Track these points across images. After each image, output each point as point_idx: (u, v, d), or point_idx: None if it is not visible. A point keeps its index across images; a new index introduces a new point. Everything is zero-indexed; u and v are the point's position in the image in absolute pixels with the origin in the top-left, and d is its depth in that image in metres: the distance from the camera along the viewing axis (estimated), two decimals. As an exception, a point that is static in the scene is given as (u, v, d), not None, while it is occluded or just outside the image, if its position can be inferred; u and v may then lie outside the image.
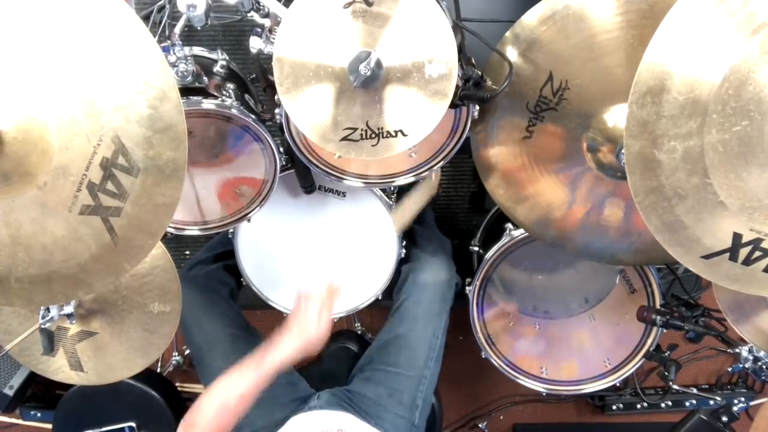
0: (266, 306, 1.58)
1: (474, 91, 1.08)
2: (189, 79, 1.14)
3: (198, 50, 1.34)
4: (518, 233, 1.44)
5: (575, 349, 1.65)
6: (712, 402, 2.04)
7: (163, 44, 1.12)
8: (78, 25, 0.75)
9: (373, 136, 1.00)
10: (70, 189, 0.81)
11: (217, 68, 1.31)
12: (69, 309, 1.21)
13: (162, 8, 1.54)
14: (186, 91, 1.14)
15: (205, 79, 1.20)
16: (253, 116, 1.20)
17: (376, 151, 1.01)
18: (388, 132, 1.00)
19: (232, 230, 1.47)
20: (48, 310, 1.18)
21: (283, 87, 0.95)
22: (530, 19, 1.07)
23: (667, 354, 1.48)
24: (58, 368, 1.30)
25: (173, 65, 1.12)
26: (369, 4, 0.90)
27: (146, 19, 1.54)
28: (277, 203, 1.43)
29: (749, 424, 1.22)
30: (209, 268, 1.59)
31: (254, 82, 1.45)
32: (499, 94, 1.08)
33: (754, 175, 0.81)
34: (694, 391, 2.10)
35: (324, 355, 1.62)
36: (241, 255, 1.52)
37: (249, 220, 1.38)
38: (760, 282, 0.90)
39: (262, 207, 1.35)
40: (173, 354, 2.14)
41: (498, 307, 1.62)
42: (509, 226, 1.46)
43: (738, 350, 1.77)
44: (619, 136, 1.06)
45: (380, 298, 1.56)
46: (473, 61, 1.10)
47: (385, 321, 1.49)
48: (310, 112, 0.98)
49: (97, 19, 0.76)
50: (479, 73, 1.09)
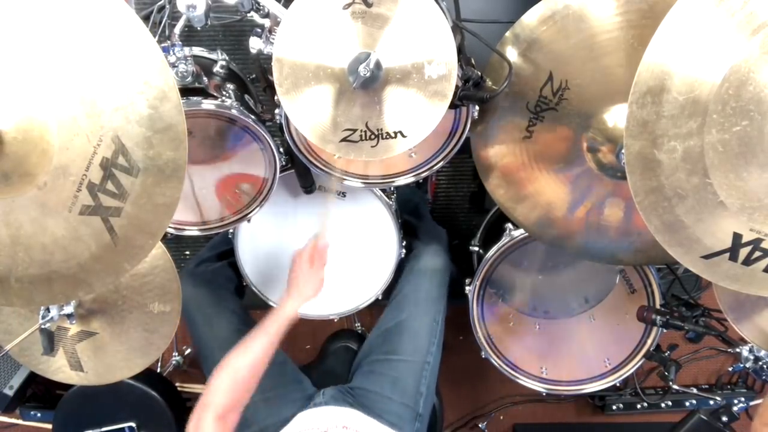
0: (266, 306, 1.58)
1: (474, 92, 1.08)
2: (189, 79, 1.14)
3: (198, 50, 1.34)
4: (518, 233, 1.44)
5: (575, 349, 1.65)
6: (712, 402, 2.04)
7: (163, 44, 1.12)
8: (78, 25, 0.76)
9: (372, 137, 1.00)
10: (70, 189, 0.81)
11: (216, 68, 1.31)
12: (69, 309, 1.21)
13: (162, 8, 1.54)
14: (186, 92, 1.14)
15: (205, 79, 1.20)
16: (252, 117, 1.20)
17: (376, 152, 1.01)
18: (387, 133, 1.00)
19: (232, 230, 1.47)
20: (48, 310, 1.18)
21: (282, 88, 0.95)
22: (530, 19, 1.07)
23: (667, 354, 1.48)
24: (58, 368, 1.30)
25: (173, 65, 1.12)
26: (368, 5, 0.90)
27: (146, 19, 1.53)
28: (277, 203, 1.43)
29: (749, 424, 1.22)
30: (216, 266, 1.59)
31: (254, 82, 1.45)
32: (499, 95, 1.08)
33: (754, 175, 0.81)
34: (694, 391, 2.10)
35: (325, 355, 1.62)
36: (241, 255, 1.52)
37: (249, 220, 1.38)
38: (760, 282, 0.90)
39: (262, 207, 1.35)
40: (173, 354, 2.14)
41: (498, 306, 1.62)
42: (509, 226, 1.46)
43: (738, 350, 1.78)
44: (619, 136, 1.06)
45: (380, 298, 1.56)
46: (473, 61, 1.10)
47: (384, 310, 1.49)
48: (309, 112, 0.98)
49: (97, 19, 0.76)
50: (479, 73, 1.09)
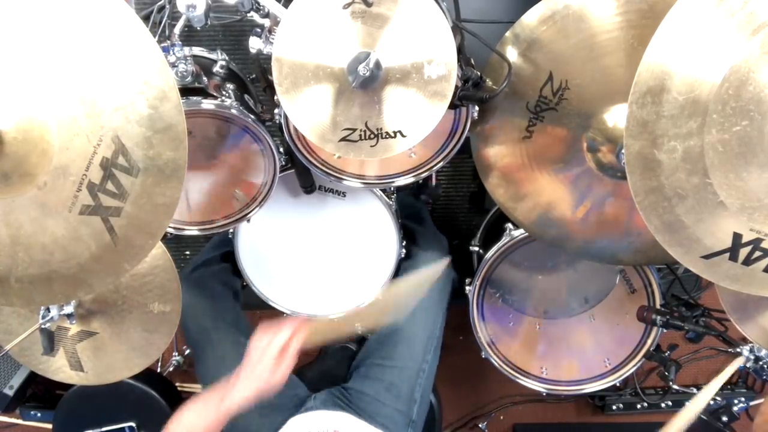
0: (266, 306, 1.58)
1: (473, 92, 1.08)
2: (189, 79, 1.14)
3: (198, 50, 1.34)
4: (518, 233, 1.44)
5: (575, 349, 1.65)
6: (712, 402, 2.04)
7: (163, 44, 1.12)
8: (78, 25, 0.76)
9: (372, 136, 1.00)
10: (70, 189, 0.81)
11: (216, 68, 1.31)
12: (69, 309, 1.21)
13: (162, 8, 1.54)
14: (186, 92, 1.14)
15: (204, 79, 1.20)
16: (252, 116, 1.20)
17: (375, 152, 1.01)
18: (387, 133, 1.00)
19: (232, 230, 1.47)
20: (48, 310, 1.18)
21: (282, 87, 0.95)
22: (530, 19, 1.07)
23: (667, 354, 1.48)
24: (58, 368, 1.30)
25: (173, 65, 1.12)
26: (368, 5, 0.90)
27: (146, 19, 1.54)
28: (277, 203, 1.43)
29: (749, 424, 1.22)
30: (213, 269, 1.59)
31: (254, 82, 1.45)
32: (499, 95, 1.08)
33: (754, 175, 0.81)
34: (694, 391, 2.09)
35: (324, 355, 1.62)
36: (241, 255, 1.52)
37: (249, 220, 1.38)
38: (760, 282, 0.90)
39: (261, 207, 1.35)
40: (173, 354, 2.14)
41: (498, 306, 1.62)
42: (509, 226, 1.46)
43: (739, 350, 1.77)
44: (619, 136, 1.06)
45: (380, 298, 1.56)
46: (473, 61, 1.10)
47: None
48: (309, 112, 0.98)
49: (97, 19, 0.76)
50: (478, 73, 1.09)
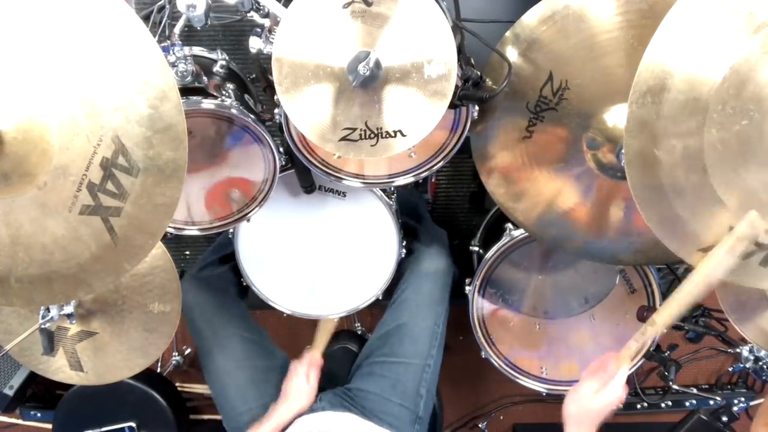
0: (266, 306, 1.58)
1: (473, 92, 1.08)
2: (189, 79, 1.14)
3: (198, 50, 1.34)
4: (518, 233, 1.44)
5: (575, 349, 1.64)
6: (712, 402, 2.04)
7: (163, 44, 1.12)
8: (78, 25, 0.76)
9: (372, 136, 1.00)
10: (70, 189, 0.81)
11: (216, 68, 1.31)
12: (69, 309, 1.21)
13: (162, 8, 1.54)
14: (186, 91, 1.14)
15: (204, 79, 1.19)
16: (252, 116, 1.20)
17: (375, 152, 1.01)
18: (387, 132, 1.00)
19: (232, 230, 1.47)
20: (48, 310, 1.18)
21: (282, 87, 0.95)
22: (530, 19, 1.07)
23: (667, 354, 1.48)
24: (58, 368, 1.30)
25: (173, 65, 1.12)
26: (368, 4, 0.90)
27: (146, 19, 1.54)
28: (277, 203, 1.43)
29: (749, 424, 1.22)
30: (220, 270, 1.59)
31: (254, 82, 1.45)
32: (499, 94, 1.08)
33: (753, 173, 0.81)
34: (694, 391, 2.09)
35: (325, 356, 1.62)
36: (241, 255, 1.52)
37: (249, 220, 1.38)
38: (755, 274, 0.90)
39: (261, 207, 1.35)
40: (173, 354, 2.14)
41: (498, 306, 1.62)
42: (509, 226, 1.46)
43: (738, 350, 1.77)
44: (619, 136, 1.06)
45: (380, 298, 1.56)
46: (472, 61, 1.10)
47: (385, 312, 1.49)
48: (309, 112, 0.98)
49: (97, 19, 0.76)
50: (478, 73, 1.09)
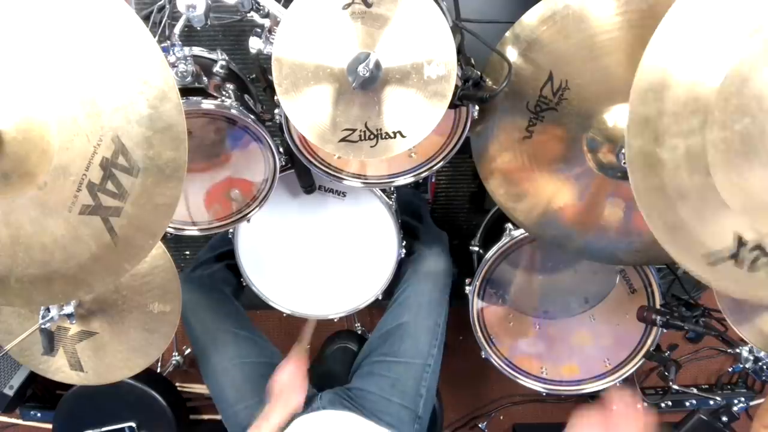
0: (266, 306, 1.58)
1: (473, 92, 1.08)
2: (189, 79, 1.14)
3: (198, 50, 1.34)
4: (518, 233, 1.44)
5: (575, 349, 1.64)
6: (712, 402, 2.04)
7: (163, 44, 1.12)
8: (78, 25, 0.76)
9: (371, 137, 1.00)
10: (70, 189, 0.81)
11: (216, 68, 1.30)
12: (69, 309, 1.21)
13: (162, 8, 1.54)
14: (186, 92, 1.14)
15: (204, 79, 1.19)
16: (252, 116, 1.20)
17: (375, 153, 1.01)
18: (386, 133, 1.00)
19: (232, 230, 1.47)
20: (48, 310, 1.18)
21: (282, 87, 0.95)
22: (530, 19, 1.07)
23: (667, 354, 1.48)
24: (58, 368, 1.30)
25: (173, 65, 1.12)
26: (368, 5, 0.90)
27: (146, 19, 1.54)
28: (277, 203, 1.43)
29: (749, 424, 1.22)
30: (213, 268, 1.59)
31: (254, 82, 1.45)
32: (499, 95, 1.08)
33: (757, 174, 0.80)
34: (694, 391, 2.09)
35: (324, 356, 1.62)
36: (241, 255, 1.52)
37: (249, 220, 1.38)
38: (762, 287, 0.88)
39: (261, 207, 1.35)
40: (173, 354, 2.14)
41: (498, 307, 1.62)
42: (509, 226, 1.46)
43: (738, 350, 1.77)
44: (619, 136, 1.06)
45: (380, 298, 1.56)
46: (472, 61, 1.10)
47: (384, 313, 1.49)
48: (308, 112, 0.98)
49: (97, 19, 0.76)
50: (478, 73, 1.09)
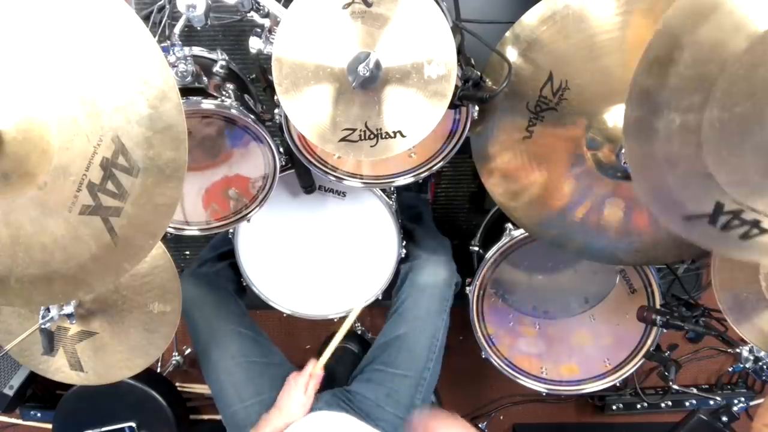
0: (266, 306, 1.58)
1: (473, 92, 1.08)
2: (189, 79, 1.14)
3: (198, 50, 1.34)
4: (518, 233, 1.44)
5: (575, 349, 1.65)
6: (712, 402, 2.04)
7: (163, 44, 1.12)
8: (78, 25, 0.76)
9: (371, 136, 1.00)
10: (70, 189, 0.81)
11: (216, 68, 1.30)
12: (69, 309, 1.21)
13: (162, 8, 1.54)
14: (186, 92, 1.14)
15: (204, 79, 1.19)
16: (252, 116, 1.20)
17: (375, 152, 1.01)
18: (386, 133, 1.00)
19: (232, 230, 1.47)
20: (48, 310, 1.18)
21: (282, 87, 0.95)
22: (530, 19, 1.07)
23: (667, 354, 1.48)
24: (58, 368, 1.30)
25: (173, 65, 1.12)
26: (368, 5, 0.90)
27: (146, 19, 1.53)
28: (277, 203, 1.43)
29: (749, 424, 1.22)
30: (218, 266, 1.59)
31: (254, 82, 1.45)
32: (499, 95, 1.08)
33: (747, 155, 0.79)
34: (694, 391, 2.10)
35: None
36: (241, 255, 1.52)
37: (249, 220, 1.38)
38: (734, 245, 0.88)
39: (261, 207, 1.35)
40: (173, 354, 2.14)
41: (498, 306, 1.62)
42: (509, 226, 1.46)
43: (738, 350, 1.77)
44: (619, 135, 1.06)
45: (380, 298, 1.56)
46: (472, 61, 1.10)
47: (385, 321, 1.50)
48: (308, 112, 0.98)
49: (97, 19, 0.76)
50: (478, 73, 1.09)
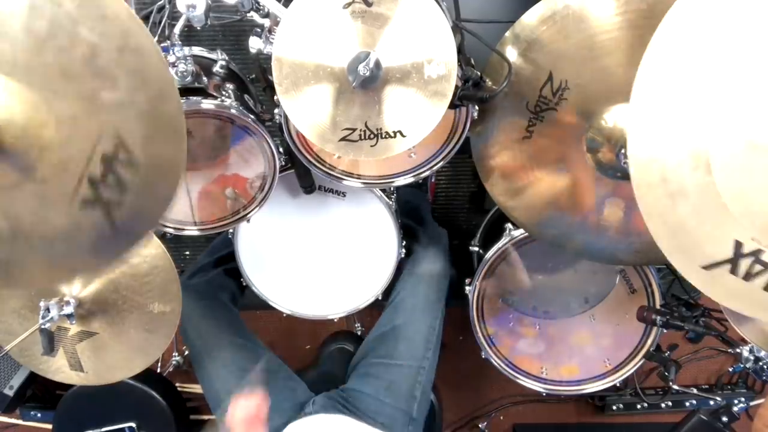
0: (266, 306, 1.58)
1: (473, 92, 1.08)
2: (189, 79, 1.14)
3: (198, 50, 1.34)
4: (518, 233, 1.44)
5: (575, 349, 1.65)
6: (712, 402, 2.04)
7: (163, 44, 1.12)
8: (78, 25, 0.75)
9: (371, 136, 1.00)
10: (70, 183, 0.80)
11: (216, 68, 1.31)
12: (69, 309, 1.20)
13: (162, 8, 1.54)
14: (186, 92, 1.14)
15: (204, 79, 1.19)
16: (252, 116, 1.20)
17: (375, 152, 1.01)
18: (387, 133, 1.00)
19: (231, 230, 1.47)
20: (48, 310, 1.17)
21: (282, 87, 0.95)
22: (530, 19, 1.07)
23: (667, 354, 1.48)
24: (58, 368, 1.30)
25: (173, 65, 1.12)
26: (368, 5, 0.90)
27: (146, 19, 1.54)
28: (277, 203, 1.43)
29: (749, 424, 1.22)
30: (210, 275, 1.59)
31: (254, 82, 1.45)
32: (499, 95, 1.08)
33: (759, 177, 0.79)
34: (694, 391, 2.09)
35: (322, 357, 1.62)
36: (241, 255, 1.52)
37: (249, 221, 1.38)
38: (758, 301, 0.84)
39: (261, 207, 1.35)
40: (173, 354, 2.14)
41: (498, 307, 1.62)
42: (509, 226, 1.46)
43: (739, 350, 1.77)
44: (619, 136, 1.06)
45: (380, 298, 1.56)
46: (472, 61, 1.10)
47: (381, 314, 1.50)
48: (308, 112, 0.98)
49: (97, 19, 0.76)
50: (478, 73, 1.09)
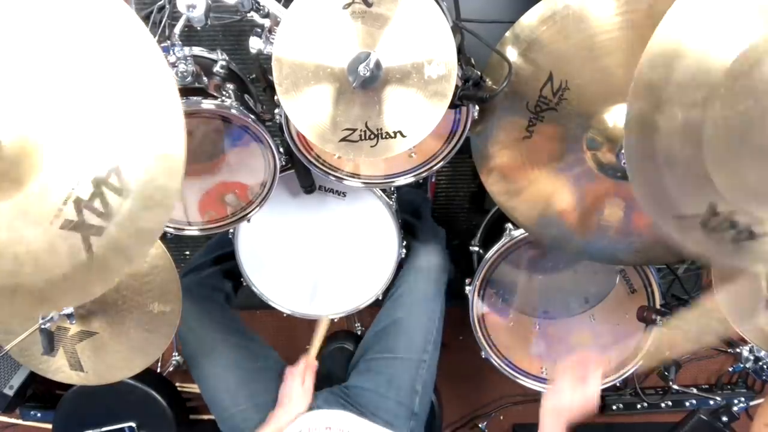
0: (266, 306, 1.58)
1: (473, 92, 1.08)
2: (189, 79, 1.14)
3: (198, 50, 1.33)
4: (518, 233, 1.44)
5: (575, 349, 1.65)
6: (712, 402, 2.04)
7: (163, 44, 1.12)
8: (78, 25, 0.75)
9: (372, 136, 1.00)
10: (55, 202, 0.78)
11: (216, 68, 1.30)
12: (69, 309, 1.21)
13: (162, 8, 1.53)
14: (186, 92, 1.14)
15: (204, 79, 1.19)
16: (252, 116, 1.20)
17: (375, 152, 1.01)
18: (387, 133, 1.00)
19: (232, 230, 1.47)
20: (48, 310, 1.18)
21: (282, 87, 0.95)
22: (530, 19, 1.07)
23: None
24: (58, 368, 1.30)
25: (173, 65, 1.12)
26: (368, 5, 0.90)
27: (146, 19, 1.53)
28: (277, 203, 1.43)
29: (749, 424, 1.22)
30: (203, 275, 1.58)
31: (254, 82, 1.45)
32: (499, 95, 1.08)
33: (747, 157, 0.79)
34: (694, 391, 2.09)
35: (322, 357, 1.62)
36: (241, 255, 1.52)
37: (249, 220, 1.38)
38: (724, 250, 0.88)
39: (262, 207, 1.35)
40: (173, 354, 2.14)
41: (498, 307, 1.62)
42: (509, 226, 1.46)
43: (738, 350, 1.77)
44: (619, 135, 1.06)
45: (380, 298, 1.56)
46: (473, 61, 1.10)
47: (380, 310, 1.50)
48: (309, 112, 0.98)
49: (97, 19, 0.75)
50: (479, 73, 1.09)
